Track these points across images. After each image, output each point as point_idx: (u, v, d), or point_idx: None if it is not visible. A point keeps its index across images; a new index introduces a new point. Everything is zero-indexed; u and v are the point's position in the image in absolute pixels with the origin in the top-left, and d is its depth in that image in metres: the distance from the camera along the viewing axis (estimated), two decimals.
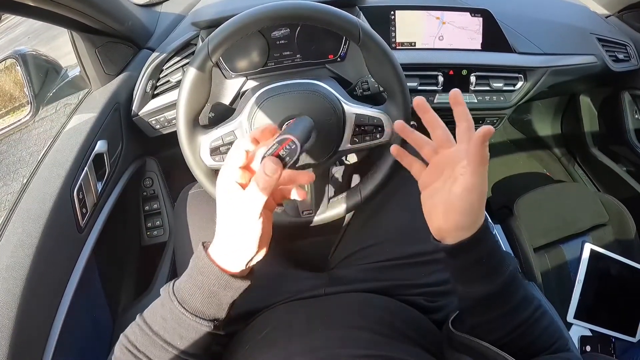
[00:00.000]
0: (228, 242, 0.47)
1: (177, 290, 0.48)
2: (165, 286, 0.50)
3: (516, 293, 0.47)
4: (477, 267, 0.47)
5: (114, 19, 0.87)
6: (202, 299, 0.47)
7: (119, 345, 0.50)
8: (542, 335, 0.47)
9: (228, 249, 0.47)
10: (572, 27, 1.19)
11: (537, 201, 1.30)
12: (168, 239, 1.10)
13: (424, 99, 0.50)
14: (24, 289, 0.62)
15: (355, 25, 0.64)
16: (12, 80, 1.44)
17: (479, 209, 0.46)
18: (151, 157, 1.12)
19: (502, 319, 0.47)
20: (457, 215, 0.46)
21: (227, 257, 0.48)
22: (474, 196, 0.45)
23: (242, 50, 0.84)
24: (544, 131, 1.77)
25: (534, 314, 0.47)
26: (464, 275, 0.49)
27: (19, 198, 0.72)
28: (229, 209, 0.47)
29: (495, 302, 0.47)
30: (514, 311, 0.47)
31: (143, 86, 0.90)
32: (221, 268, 0.47)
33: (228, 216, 0.47)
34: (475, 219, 0.46)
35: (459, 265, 0.49)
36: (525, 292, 0.48)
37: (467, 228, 0.46)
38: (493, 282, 0.46)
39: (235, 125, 0.69)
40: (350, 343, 0.52)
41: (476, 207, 0.45)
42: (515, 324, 0.47)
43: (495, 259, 0.47)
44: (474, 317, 0.50)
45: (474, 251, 0.46)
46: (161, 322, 0.48)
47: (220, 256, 0.48)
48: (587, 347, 1.10)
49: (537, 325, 0.47)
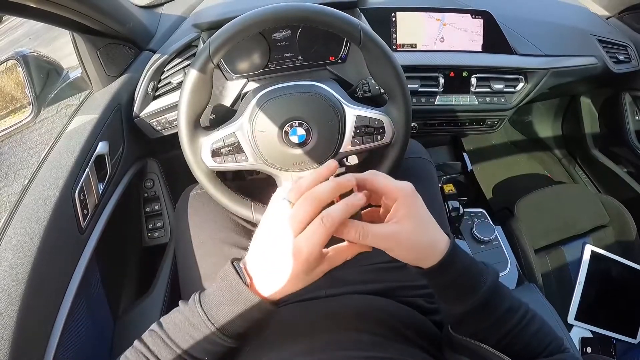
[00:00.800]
0: (282, 283, 0.45)
1: (213, 317, 0.47)
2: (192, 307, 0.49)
3: (499, 305, 0.47)
4: (452, 287, 0.47)
5: (115, 21, 0.87)
6: (241, 325, 0.47)
7: (134, 351, 0.49)
8: (532, 341, 0.48)
9: (280, 287, 0.46)
10: (573, 29, 1.20)
11: (538, 202, 1.31)
12: (169, 240, 1.10)
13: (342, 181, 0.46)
14: (25, 290, 0.61)
15: (356, 27, 0.65)
16: (14, 81, 1.44)
17: (428, 243, 0.46)
18: (152, 158, 1.12)
19: (488, 331, 0.47)
20: (406, 253, 0.46)
21: (276, 293, 0.46)
22: (414, 237, 0.45)
23: (244, 52, 0.84)
24: (544, 132, 1.78)
25: (521, 322, 0.47)
26: (442, 294, 0.50)
27: (20, 199, 0.72)
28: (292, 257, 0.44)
29: (478, 317, 0.47)
30: (498, 323, 0.47)
31: (144, 88, 0.90)
32: (265, 299, 0.46)
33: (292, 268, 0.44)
34: (430, 251, 0.46)
35: (435, 286, 0.49)
36: (510, 303, 0.48)
37: (427, 258, 0.46)
38: (470, 300, 0.46)
39: (237, 127, 0.69)
40: (350, 345, 0.52)
41: (423, 244, 0.46)
42: (502, 333, 0.47)
43: (470, 278, 0.47)
44: (460, 330, 0.50)
45: (444, 275, 0.46)
46: (190, 340, 0.48)
47: (267, 291, 0.46)
48: (588, 348, 1.10)
49: (525, 332, 0.47)
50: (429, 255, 0.46)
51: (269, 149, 0.69)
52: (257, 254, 0.47)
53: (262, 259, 0.46)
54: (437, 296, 0.51)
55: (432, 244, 0.46)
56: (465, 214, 1.24)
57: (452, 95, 1.05)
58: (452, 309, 0.49)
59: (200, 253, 0.79)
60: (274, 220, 0.46)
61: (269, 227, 0.46)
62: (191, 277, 0.79)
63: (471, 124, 1.15)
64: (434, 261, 0.46)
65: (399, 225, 0.45)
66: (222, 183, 0.72)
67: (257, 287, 0.47)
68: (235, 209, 0.72)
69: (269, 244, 0.46)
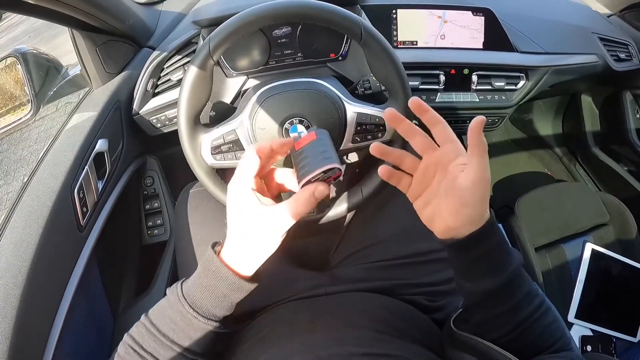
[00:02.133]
0: (246, 247, 0.48)
1: (187, 293, 0.49)
2: (173, 288, 0.51)
3: (521, 287, 0.47)
4: (485, 260, 0.47)
5: (114, 18, 0.86)
6: (213, 302, 0.48)
7: (123, 345, 0.50)
8: (544, 333, 0.47)
9: (244, 253, 0.48)
10: (574, 27, 1.19)
11: (538, 200, 1.30)
12: (169, 238, 1.10)
13: (419, 99, 0.49)
14: (25, 288, 0.61)
15: (357, 23, 0.64)
16: (13, 78, 1.44)
17: (487, 200, 0.46)
18: (152, 155, 1.12)
19: (506, 315, 0.47)
20: (469, 209, 0.45)
21: (243, 262, 0.49)
22: (483, 187, 0.44)
23: (244, 49, 0.84)
24: (545, 130, 1.77)
25: (538, 310, 0.47)
26: (471, 270, 0.49)
27: (20, 197, 0.72)
28: (250, 218, 0.48)
29: (501, 297, 0.47)
30: (517, 306, 0.46)
31: (144, 85, 0.90)
32: (234, 272, 0.48)
33: (249, 225, 0.48)
34: (484, 212, 0.46)
35: (467, 259, 0.48)
36: (530, 287, 0.47)
37: (476, 221, 0.46)
38: (500, 276, 0.46)
39: (237, 124, 0.69)
40: (350, 341, 0.52)
41: (486, 198, 0.45)
42: (519, 320, 0.46)
43: (503, 251, 0.47)
44: (478, 313, 0.49)
45: (483, 243, 0.46)
46: (169, 323, 0.49)
47: (234, 260, 0.48)
48: (588, 346, 1.10)
49: (540, 322, 0.47)
50: (477, 218, 0.46)
51: None
52: (228, 224, 0.49)
53: (229, 227, 0.49)
54: (464, 273, 0.50)
55: (485, 207, 0.46)
56: None
57: (453, 93, 1.05)
58: (478, 286, 0.48)
59: (200, 251, 0.79)
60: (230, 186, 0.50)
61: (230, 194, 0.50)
62: (191, 274, 0.78)
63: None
64: (476, 227, 0.45)
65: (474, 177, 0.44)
66: (221, 180, 0.71)
67: (225, 256, 0.49)
68: None
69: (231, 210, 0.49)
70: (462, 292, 0.52)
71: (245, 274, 0.49)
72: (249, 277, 0.50)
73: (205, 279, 0.49)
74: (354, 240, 0.81)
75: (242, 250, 0.48)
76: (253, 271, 0.49)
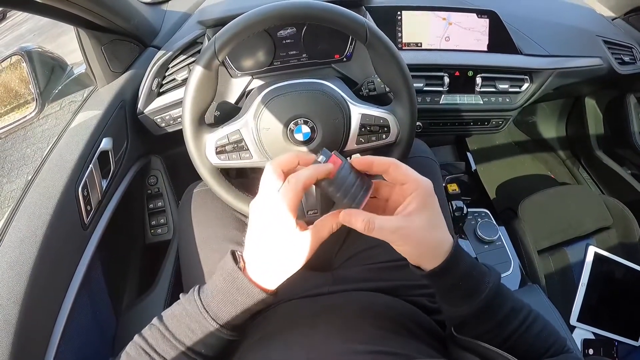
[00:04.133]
0: (275, 266, 0.47)
1: (209, 305, 0.48)
2: (190, 297, 0.50)
3: (502, 306, 0.47)
4: (455, 290, 0.47)
5: (120, 17, 0.87)
6: (236, 315, 0.48)
7: (134, 345, 0.50)
8: (535, 342, 0.48)
9: (272, 271, 0.48)
10: (578, 29, 1.19)
11: (542, 203, 1.30)
12: (172, 237, 1.10)
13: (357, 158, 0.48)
14: (28, 286, 0.61)
15: (362, 25, 0.64)
16: (18, 77, 1.44)
17: (434, 242, 0.45)
18: (156, 155, 1.12)
19: (492, 333, 0.47)
20: (411, 249, 0.46)
21: (270, 279, 0.48)
22: (421, 233, 0.44)
23: (248, 49, 0.84)
24: (548, 133, 1.77)
25: (524, 324, 0.47)
26: (445, 297, 0.49)
27: (24, 195, 0.72)
28: (283, 242, 0.47)
29: (481, 319, 0.47)
30: (501, 324, 0.47)
31: (149, 84, 0.90)
32: (262, 288, 0.47)
33: (281, 247, 0.47)
34: (439, 251, 0.45)
35: (438, 288, 0.49)
36: (512, 304, 0.48)
37: (431, 258, 0.46)
38: (473, 301, 0.46)
39: (241, 124, 0.69)
40: (353, 338, 0.52)
41: (430, 242, 0.45)
42: (505, 335, 0.47)
43: (473, 280, 0.47)
44: (463, 332, 0.50)
45: (447, 277, 0.46)
46: (187, 331, 0.48)
47: (261, 278, 0.48)
48: (590, 350, 1.10)
49: (528, 333, 0.47)
50: (434, 254, 0.46)
51: (274, 146, 0.69)
52: (251, 240, 0.48)
53: (255, 244, 0.48)
54: (439, 298, 0.51)
55: (439, 243, 0.46)
56: (469, 213, 1.24)
57: (457, 95, 1.05)
58: (455, 311, 0.48)
59: (204, 250, 0.79)
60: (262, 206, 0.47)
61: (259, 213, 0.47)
62: (194, 274, 0.79)
63: (476, 124, 1.14)
64: (437, 262, 0.45)
65: (408, 220, 0.44)
66: (225, 180, 0.71)
67: (251, 272, 0.48)
68: (239, 207, 0.72)
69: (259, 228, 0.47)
70: (444, 314, 0.52)
71: (270, 288, 0.49)
72: (273, 291, 0.49)
73: (230, 294, 0.48)
74: (356, 242, 0.81)
75: (270, 268, 0.48)
76: (277, 285, 0.49)
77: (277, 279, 0.48)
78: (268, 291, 0.48)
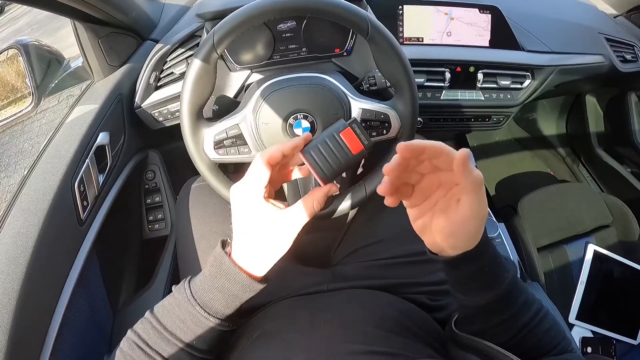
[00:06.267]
0: (258, 249, 0.49)
1: (197, 293, 0.49)
2: (180, 287, 0.51)
3: (517, 298, 0.47)
4: (479, 277, 0.46)
5: (118, 10, 0.85)
6: (224, 302, 0.49)
7: (127, 341, 0.50)
8: (544, 338, 0.47)
9: (257, 255, 0.49)
10: (581, 27, 1.19)
11: (541, 201, 1.30)
12: (170, 232, 1.09)
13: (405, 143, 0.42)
14: (24, 282, 0.61)
15: (364, 18, 0.63)
16: (14, 70, 1.43)
17: (478, 234, 0.44)
18: (153, 149, 1.11)
19: (504, 325, 0.47)
20: (457, 241, 0.44)
21: (255, 263, 0.49)
22: (475, 224, 0.42)
23: (248, 43, 0.83)
24: (549, 130, 1.77)
25: (535, 317, 0.47)
26: (465, 285, 0.48)
27: (20, 190, 0.71)
28: (262, 222, 0.49)
29: (497, 309, 0.47)
30: (515, 316, 0.46)
31: (146, 78, 0.89)
32: (247, 272, 0.48)
33: (261, 228, 0.49)
34: (474, 241, 0.44)
35: (460, 276, 0.47)
36: (526, 297, 0.47)
37: (464, 247, 0.45)
38: (494, 290, 0.45)
39: (240, 118, 0.68)
40: (351, 338, 0.52)
41: (476, 234, 0.44)
42: (517, 328, 0.46)
43: (496, 267, 0.46)
44: (475, 324, 0.49)
45: (475, 263, 0.45)
46: (177, 322, 0.49)
47: (246, 261, 0.49)
48: (588, 348, 1.10)
49: (538, 328, 0.47)
50: (463, 247, 0.44)
51: (273, 141, 0.68)
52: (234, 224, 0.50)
53: (237, 228, 0.50)
54: (458, 287, 0.49)
55: (480, 233, 0.44)
56: None
57: (458, 91, 1.04)
58: (473, 300, 0.47)
59: (201, 245, 0.78)
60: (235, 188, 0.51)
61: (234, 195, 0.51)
62: (192, 269, 0.78)
63: (477, 120, 1.14)
64: (471, 244, 0.44)
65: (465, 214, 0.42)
66: (224, 175, 0.71)
67: (237, 257, 0.49)
68: None
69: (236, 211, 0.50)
70: (457, 304, 0.51)
71: (257, 274, 0.50)
72: (260, 277, 0.50)
73: (216, 280, 0.49)
74: (356, 238, 0.80)
75: (254, 252, 0.49)
76: (264, 272, 0.50)
77: (263, 263, 0.49)
78: (255, 277, 0.49)
